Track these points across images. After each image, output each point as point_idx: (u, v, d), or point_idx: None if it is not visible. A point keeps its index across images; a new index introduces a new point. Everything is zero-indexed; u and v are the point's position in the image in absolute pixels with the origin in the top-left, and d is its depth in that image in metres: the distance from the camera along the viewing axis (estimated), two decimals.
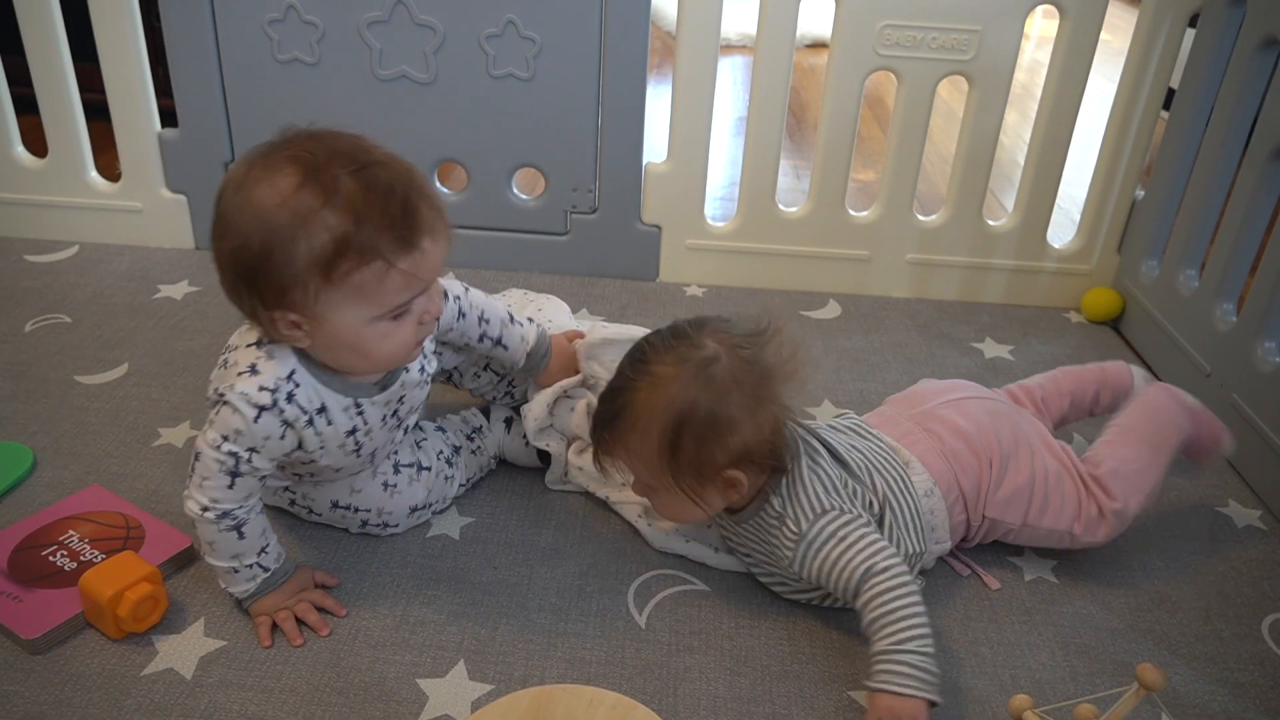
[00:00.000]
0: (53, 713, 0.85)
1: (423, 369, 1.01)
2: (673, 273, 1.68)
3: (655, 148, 1.64)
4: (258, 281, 0.83)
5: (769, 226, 1.64)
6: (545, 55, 1.51)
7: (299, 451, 0.93)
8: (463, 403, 1.22)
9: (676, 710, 0.89)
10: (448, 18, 1.49)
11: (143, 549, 1.01)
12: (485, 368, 1.16)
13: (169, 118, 1.60)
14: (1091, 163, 1.60)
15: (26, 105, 1.62)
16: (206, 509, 0.90)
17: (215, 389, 0.90)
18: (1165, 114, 1.53)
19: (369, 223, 0.81)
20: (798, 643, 0.97)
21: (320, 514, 1.06)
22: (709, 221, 1.65)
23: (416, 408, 1.04)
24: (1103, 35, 1.49)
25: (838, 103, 1.54)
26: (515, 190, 1.63)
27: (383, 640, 0.95)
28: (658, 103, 1.68)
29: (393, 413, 0.99)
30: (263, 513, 0.94)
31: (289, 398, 0.89)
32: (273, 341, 0.90)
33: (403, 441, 1.08)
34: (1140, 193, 1.60)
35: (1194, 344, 1.39)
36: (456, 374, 1.17)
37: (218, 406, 0.89)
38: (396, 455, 1.07)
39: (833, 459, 0.97)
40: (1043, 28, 3.88)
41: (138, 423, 1.23)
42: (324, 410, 0.92)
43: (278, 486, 1.04)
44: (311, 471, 1.00)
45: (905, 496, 0.98)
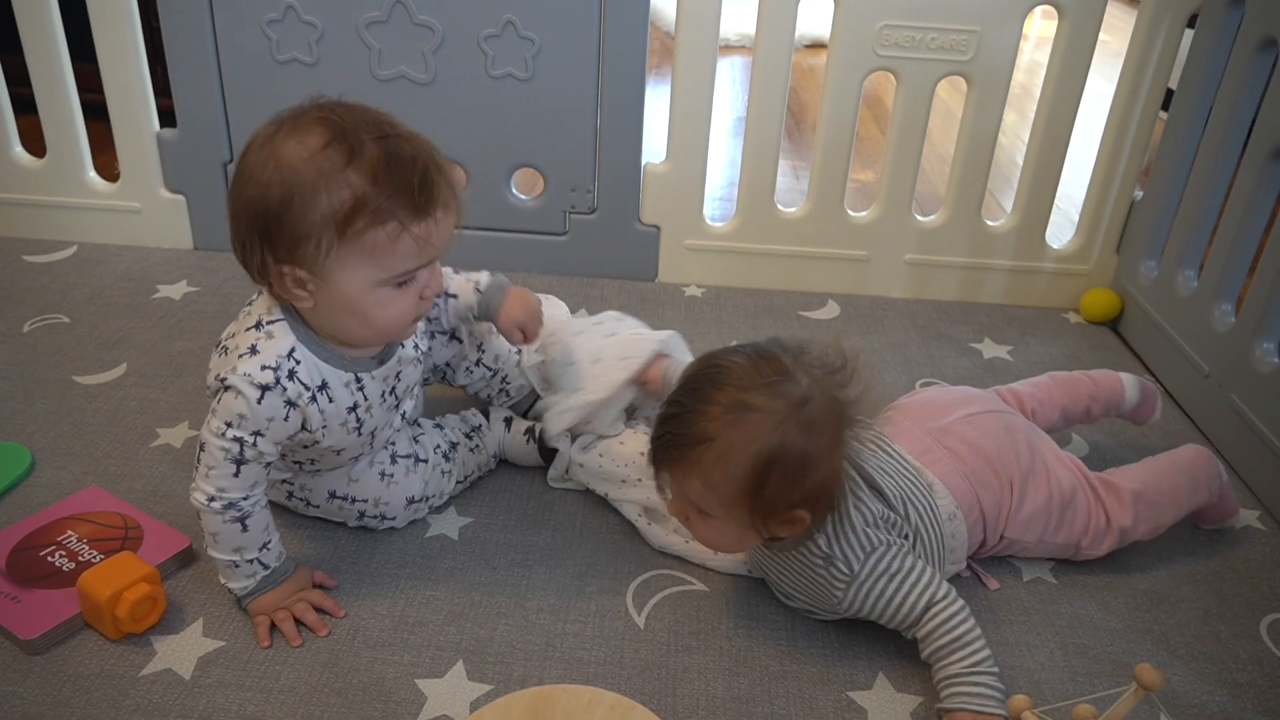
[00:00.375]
0: (51, 713, 0.85)
1: (416, 345, 1.03)
2: (671, 273, 1.68)
3: (654, 148, 1.64)
4: (272, 232, 0.85)
5: (768, 227, 1.64)
6: (544, 55, 1.51)
7: (303, 433, 0.93)
8: (462, 404, 1.22)
9: (675, 710, 0.89)
10: (446, 18, 1.49)
11: (141, 549, 1.01)
12: (478, 362, 1.17)
13: (168, 118, 1.60)
14: (1090, 163, 1.60)
15: (25, 105, 1.62)
16: (213, 499, 0.90)
17: (215, 375, 0.91)
18: (1164, 114, 1.53)
19: (388, 186, 0.84)
20: (796, 643, 0.97)
21: (318, 505, 1.06)
22: (708, 222, 1.65)
23: (412, 387, 1.05)
24: (1101, 36, 1.49)
25: (836, 103, 1.54)
26: (514, 190, 1.63)
27: (381, 640, 0.95)
28: (657, 103, 1.68)
29: (390, 389, 1.00)
30: (267, 508, 0.94)
31: (290, 375, 0.90)
32: (270, 323, 0.91)
33: (400, 433, 1.09)
34: (1139, 193, 1.60)
35: (1193, 344, 1.39)
36: (449, 370, 1.18)
37: (219, 394, 0.90)
38: (394, 446, 1.08)
39: (870, 490, 0.95)
40: (1041, 28, 3.88)
41: (136, 423, 1.23)
42: (325, 387, 0.93)
43: (277, 479, 1.05)
44: (313, 458, 1.01)
45: (933, 526, 0.98)
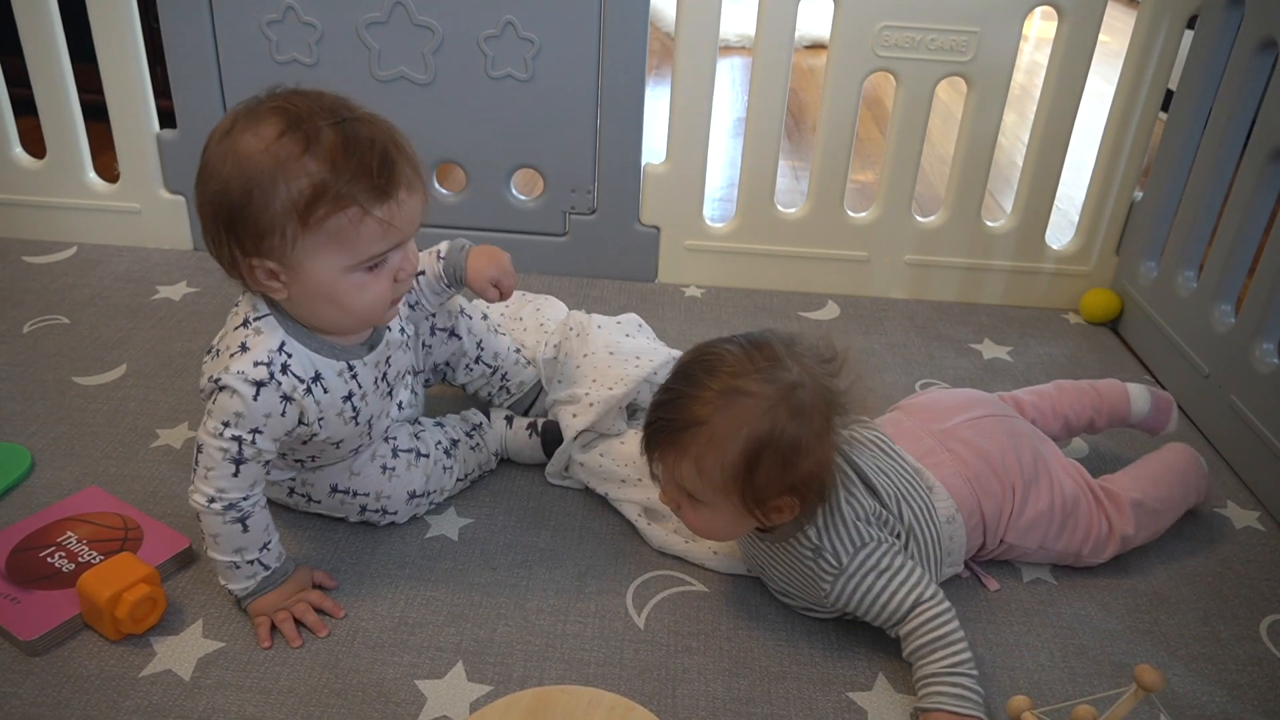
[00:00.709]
0: (50, 714, 0.85)
1: (402, 329, 1.03)
2: (671, 274, 1.68)
3: (654, 148, 1.64)
4: (237, 226, 0.85)
5: (768, 227, 1.64)
6: (544, 56, 1.51)
7: (301, 427, 0.93)
8: (462, 403, 1.22)
9: (675, 711, 0.89)
10: (446, 19, 1.49)
11: (141, 550, 1.01)
12: (477, 360, 1.17)
13: (168, 119, 1.60)
14: (1090, 164, 1.60)
15: (25, 106, 1.62)
16: (213, 500, 0.90)
17: (209, 377, 0.91)
18: (1164, 115, 1.53)
19: (346, 171, 0.83)
20: (796, 644, 0.97)
21: (319, 501, 1.06)
22: (708, 222, 1.65)
23: (403, 373, 1.05)
24: (1101, 36, 1.49)
25: (836, 104, 1.54)
26: (514, 191, 1.63)
27: (381, 641, 0.95)
28: (656, 104, 1.68)
29: (382, 375, 1.00)
30: (266, 508, 0.94)
31: (283, 369, 0.90)
32: (258, 319, 0.91)
33: (401, 428, 1.09)
34: (1139, 194, 1.60)
35: (1192, 345, 1.39)
36: (449, 370, 1.18)
37: (214, 394, 0.90)
38: (395, 440, 1.08)
39: (864, 486, 0.95)
40: (1041, 29, 3.88)
41: (136, 424, 1.23)
42: (319, 378, 0.93)
43: (279, 479, 1.05)
44: (314, 454, 1.01)
45: (929, 526, 0.98)
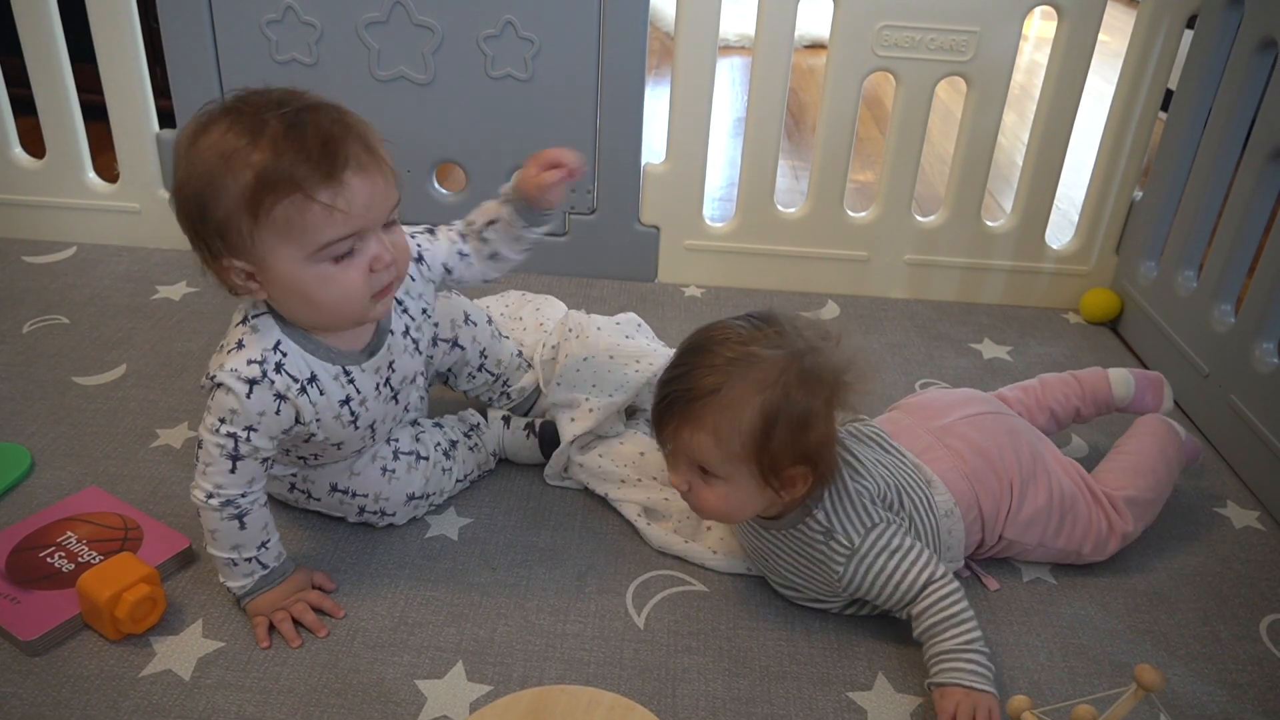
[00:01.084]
0: (50, 714, 0.85)
1: (406, 330, 1.00)
2: (671, 273, 1.68)
3: (654, 148, 1.64)
4: (200, 228, 0.86)
5: (767, 227, 1.64)
6: (543, 56, 1.51)
7: (299, 426, 0.93)
8: (459, 404, 1.22)
9: (675, 711, 0.89)
10: (446, 18, 1.49)
11: (141, 550, 1.01)
12: (480, 368, 1.17)
13: (167, 118, 1.60)
14: (1090, 164, 1.60)
15: (25, 106, 1.62)
16: (211, 495, 0.91)
17: (207, 374, 0.91)
18: (1163, 115, 1.53)
19: (286, 156, 0.83)
20: (796, 644, 0.97)
21: (319, 498, 1.06)
22: (707, 222, 1.65)
23: (410, 377, 1.04)
24: (1101, 36, 1.49)
25: (836, 103, 1.54)
26: None
27: (381, 641, 0.95)
28: (656, 103, 1.68)
29: (385, 381, 0.99)
30: (266, 506, 0.94)
31: (277, 368, 0.90)
32: (255, 317, 0.92)
33: (403, 430, 1.09)
34: (1138, 194, 1.60)
35: (1192, 345, 1.39)
36: (451, 376, 1.17)
37: (212, 391, 0.90)
38: (396, 443, 1.07)
39: (868, 473, 0.96)
40: (1041, 29, 3.88)
41: (136, 424, 1.23)
42: (314, 380, 0.93)
43: (281, 474, 1.04)
44: (315, 452, 1.00)
45: (928, 518, 0.98)
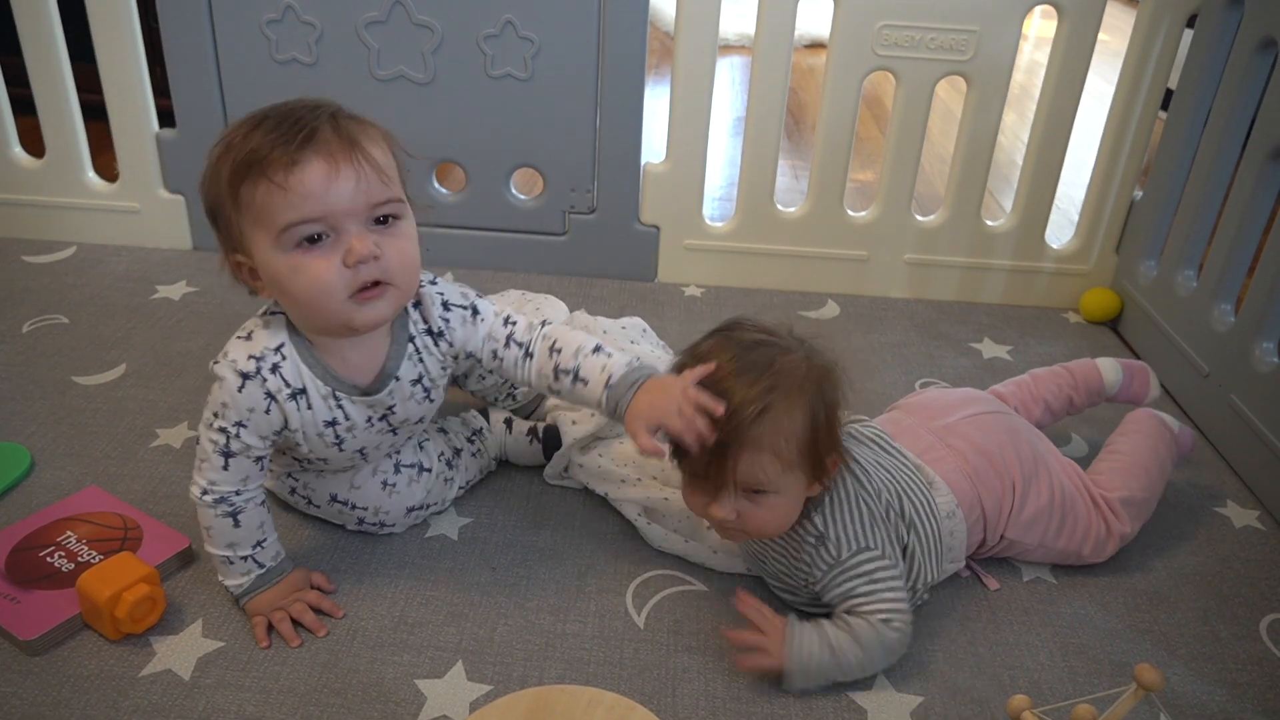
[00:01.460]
0: (50, 714, 0.85)
1: (419, 379, 0.97)
2: (671, 273, 1.68)
3: (654, 148, 1.64)
4: (214, 220, 0.88)
5: (767, 227, 1.64)
6: (543, 55, 1.51)
7: (286, 431, 0.93)
8: (462, 404, 1.22)
9: (675, 711, 0.89)
10: (446, 18, 1.48)
11: (140, 550, 1.01)
12: (491, 371, 1.16)
13: (167, 118, 1.60)
14: (1090, 163, 1.60)
15: (24, 106, 1.62)
16: (205, 491, 0.91)
17: (214, 360, 0.92)
18: (1163, 114, 1.53)
19: (256, 140, 0.84)
20: None
21: (319, 506, 1.06)
22: (707, 222, 1.65)
23: (413, 421, 1.01)
24: (1101, 36, 1.49)
25: (836, 103, 1.54)
26: (513, 190, 1.63)
27: (381, 641, 0.95)
28: (656, 103, 1.68)
29: (381, 417, 0.98)
30: (263, 505, 0.94)
31: (274, 369, 0.90)
32: (272, 313, 0.93)
33: (406, 442, 1.08)
34: (1138, 193, 1.60)
35: (1192, 344, 1.39)
36: (463, 378, 1.17)
37: (212, 384, 0.91)
38: (398, 455, 1.07)
39: (869, 479, 0.96)
40: (1041, 28, 3.88)
41: (135, 424, 1.23)
42: (304, 393, 0.92)
43: (281, 473, 1.04)
44: (308, 459, 1.00)
45: (930, 522, 0.98)
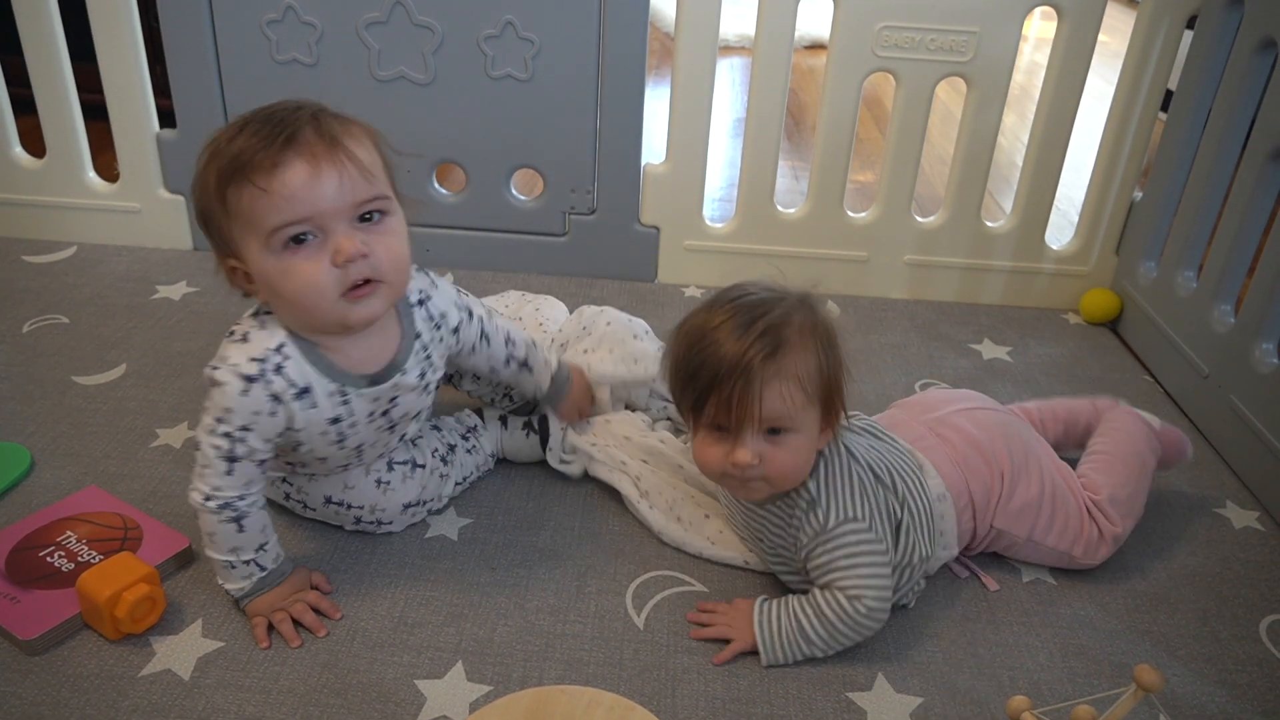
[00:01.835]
0: (50, 714, 0.85)
1: (423, 374, 0.99)
2: (671, 274, 1.68)
3: (654, 149, 1.64)
4: (205, 227, 0.88)
5: (767, 228, 1.64)
6: (544, 56, 1.51)
7: (289, 432, 0.93)
8: (458, 404, 1.22)
9: (675, 711, 0.89)
10: (446, 19, 1.48)
11: (140, 550, 1.01)
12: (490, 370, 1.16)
13: (167, 118, 1.60)
14: (1090, 164, 1.60)
15: (25, 106, 1.62)
16: (209, 498, 0.91)
17: (210, 364, 0.91)
18: (1163, 115, 1.54)
19: (239, 144, 0.84)
20: None
21: (314, 509, 1.06)
22: (707, 222, 1.65)
23: (411, 414, 1.02)
24: (1101, 37, 1.49)
25: (836, 104, 1.54)
26: (514, 191, 1.63)
27: (380, 641, 0.95)
28: (656, 104, 1.68)
29: (382, 412, 0.98)
30: (264, 509, 0.94)
31: (277, 369, 0.90)
32: (266, 313, 0.92)
33: (399, 442, 1.08)
34: (1138, 194, 1.60)
35: (1192, 345, 1.39)
36: (457, 377, 1.17)
37: (210, 390, 0.90)
38: (391, 454, 1.07)
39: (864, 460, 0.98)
40: (1041, 29, 3.88)
41: (135, 424, 1.23)
42: (309, 391, 0.92)
43: (275, 478, 1.04)
44: (301, 461, 1.00)
45: (921, 499, 0.99)
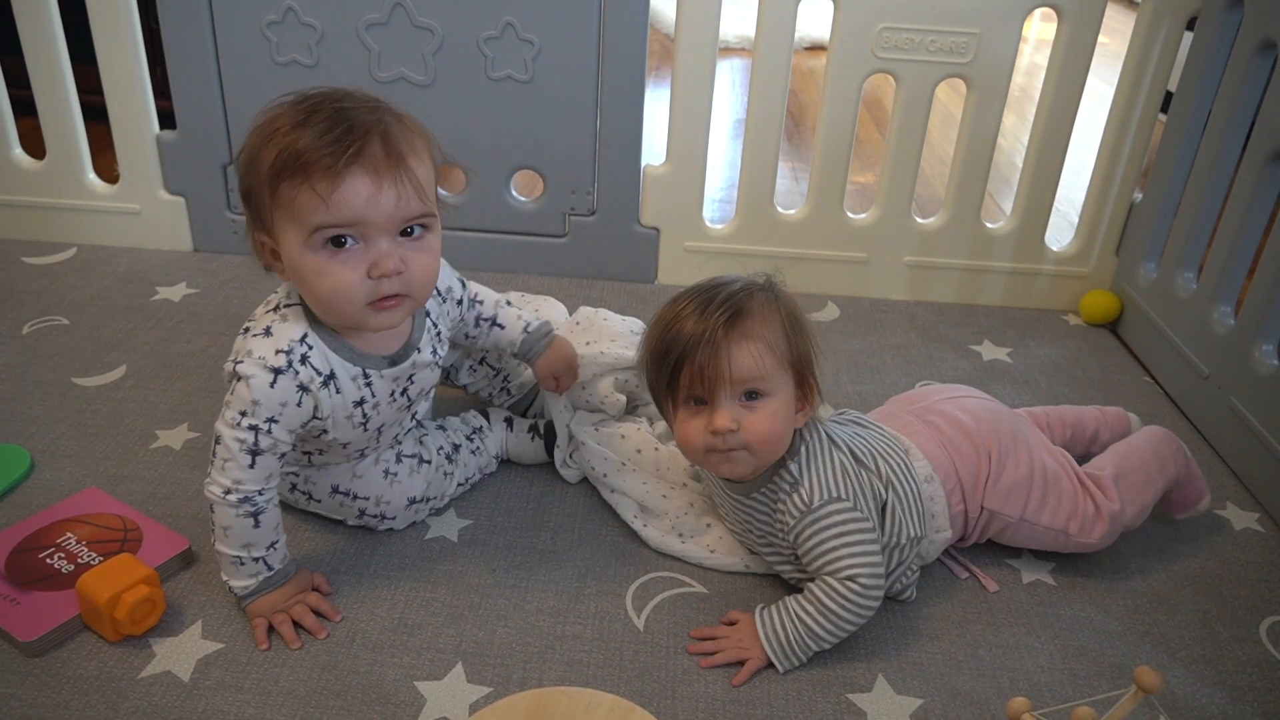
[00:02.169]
0: (50, 715, 0.85)
1: (435, 351, 1.02)
2: (671, 275, 1.68)
3: (654, 150, 1.64)
4: (246, 200, 0.89)
5: (767, 229, 1.64)
6: (544, 57, 1.51)
7: (315, 421, 0.94)
8: (461, 404, 1.22)
9: (675, 713, 0.89)
10: (446, 20, 1.49)
11: (140, 551, 1.01)
12: (481, 361, 1.17)
13: (167, 119, 1.60)
14: (1090, 165, 1.60)
15: (25, 107, 1.62)
16: (229, 492, 0.91)
17: (231, 359, 0.92)
18: (1163, 117, 1.54)
19: (305, 139, 0.83)
20: None
21: (319, 500, 1.06)
22: (707, 224, 1.65)
23: (427, 391, 1.05)
24: (1101, 38, 1.49)
25: (836, 105, 1.54)
26: (514, 192, 1.63)
27: (380, 642, 0.95)
28: (656, 105, 1.68)
29: (402, 390, 1.00)
30: (279, 507, 0.95)
31: (303, 359, 0.91)
32: (287, 307, 0.93)
33: (407, 433, 1.09)
34: (1138, 195, 1.60)
35: (1192, 346, 1.39)
36: (453, 370, 1.18)
37: (233, 383, 0.91)
38: (400, 446, 1.08)
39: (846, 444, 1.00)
40: (1041, 30, 3.88)
41: (135, 425, 1.23)
42: (333, 377, 0.93)
43: (285, 471, 1.04)
44: (320, 448, 1.01)
45: (908, 481, 1.00)
